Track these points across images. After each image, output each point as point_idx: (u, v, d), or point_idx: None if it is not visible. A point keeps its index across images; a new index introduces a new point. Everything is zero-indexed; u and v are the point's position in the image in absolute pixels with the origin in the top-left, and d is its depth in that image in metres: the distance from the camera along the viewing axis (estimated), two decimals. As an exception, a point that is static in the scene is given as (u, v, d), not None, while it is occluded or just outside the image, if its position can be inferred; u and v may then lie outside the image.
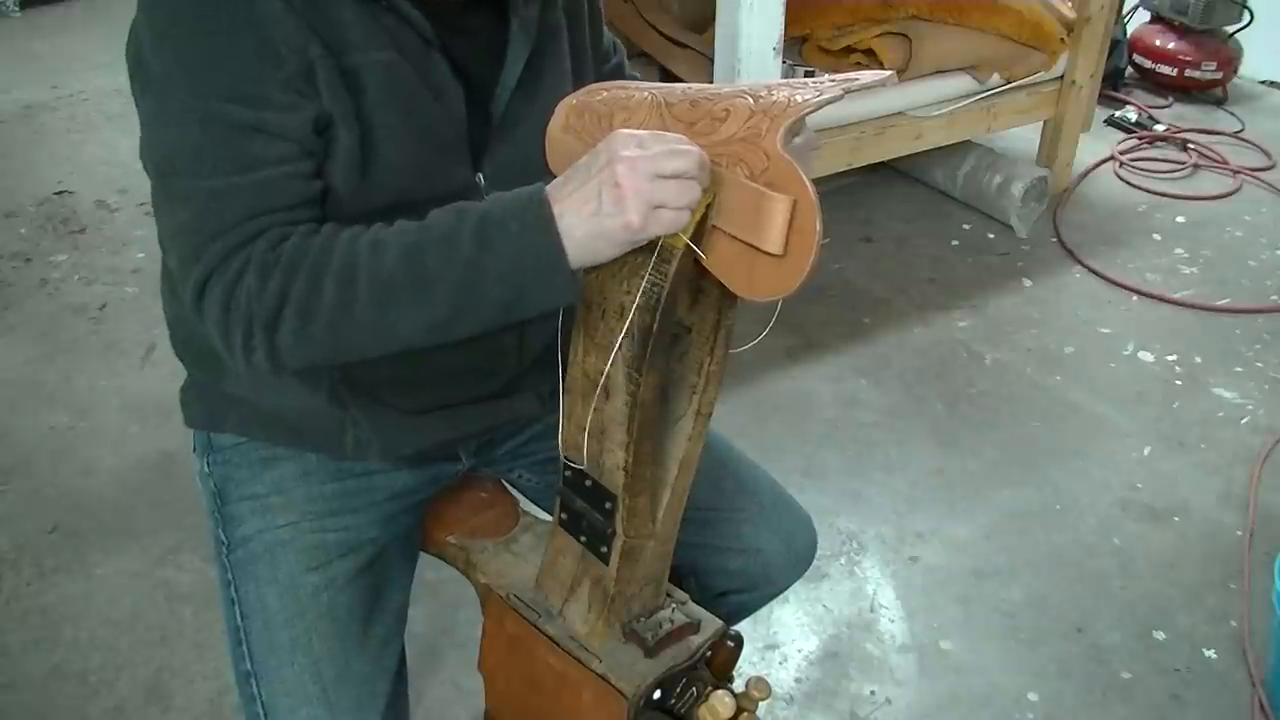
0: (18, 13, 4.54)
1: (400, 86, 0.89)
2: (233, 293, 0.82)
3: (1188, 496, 2.02)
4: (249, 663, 0.98)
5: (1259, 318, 2.58)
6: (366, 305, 0.81)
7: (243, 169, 0.83)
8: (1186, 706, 1.61)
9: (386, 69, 0.88)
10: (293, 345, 0.82)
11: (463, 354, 1.00)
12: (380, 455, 1.03)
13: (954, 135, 2.78)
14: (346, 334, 0.82)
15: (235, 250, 0.82)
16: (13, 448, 2.09)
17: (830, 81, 0.80)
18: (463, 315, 0.82)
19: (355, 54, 0.86)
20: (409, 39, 0.89)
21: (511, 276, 0.80)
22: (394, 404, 1.01)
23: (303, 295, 0.80)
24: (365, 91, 0.87)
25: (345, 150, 0.87)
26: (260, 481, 1.04)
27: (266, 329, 0.81)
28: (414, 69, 0.90)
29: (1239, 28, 3.68)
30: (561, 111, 0.89)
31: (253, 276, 0.81)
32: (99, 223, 2.93)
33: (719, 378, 0.91)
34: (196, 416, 1.08)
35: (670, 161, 0.76)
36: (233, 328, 0.82)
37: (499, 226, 0.80)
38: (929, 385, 2.33)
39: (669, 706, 0.95)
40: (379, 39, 0.88)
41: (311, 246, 0.82)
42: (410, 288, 0.81)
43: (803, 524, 1.18)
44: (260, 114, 0.83)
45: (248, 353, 0.83)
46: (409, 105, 0.90)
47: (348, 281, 0.81)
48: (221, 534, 1.04)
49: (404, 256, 0.81)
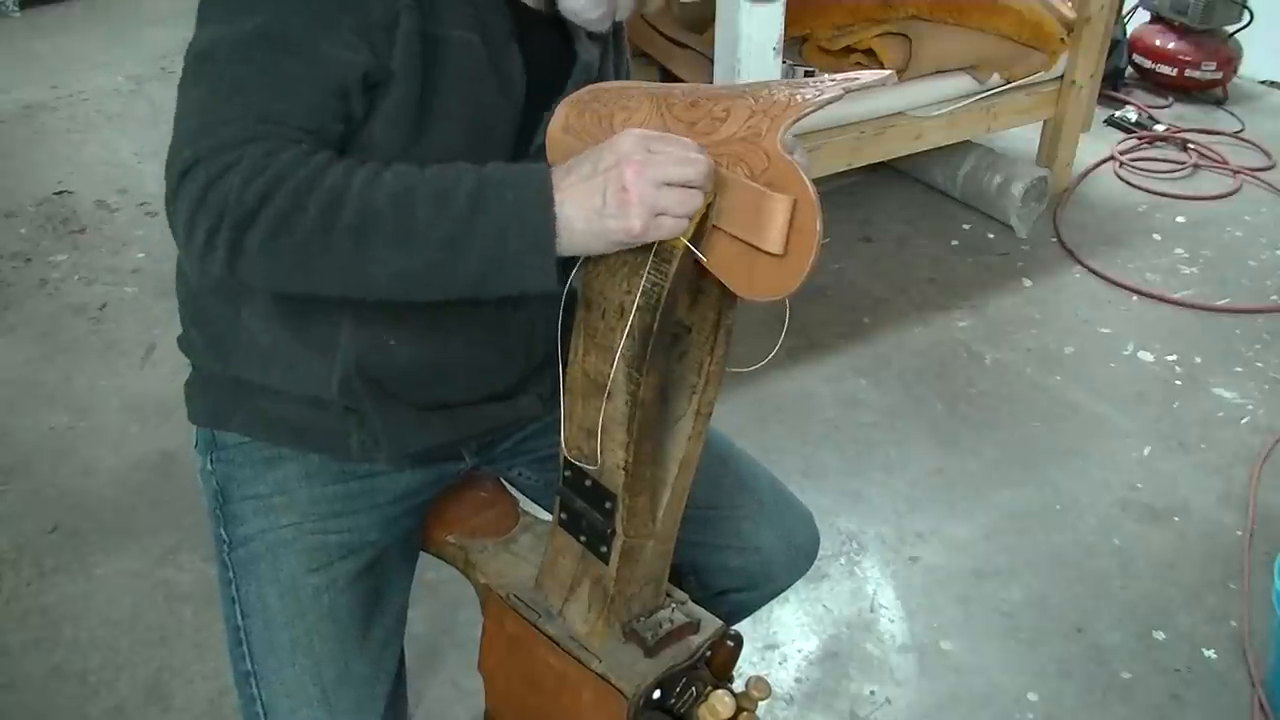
0: (18, 13, 4.54)
1: (472, 68, 0.90)
2: (215, 182, 0.79)
3: (1188, 496, 2.02)
4: (249, 663, 0.98)
5: (1259, 318, 2.58)
6: (344, 234, 0.79)
7: (274, 74, 0.82)
8: (1186, 706, 1.61)
9: (467, 49, 0.89)
10: (256, 253, 0.80)
11: (472, 352, 1.00)
12: (387, 455, 1.03)
13: (954, 135, 2.78)
14: (314, 258, 0.80)
15: (233, 144, 0.80)
16: (13, 448, 2.09)
17: (830, 81, 0.80)
18: (435, 273, 0.81)
19: (442, 26, 0.87)
20: (496, 26, 0.91)
21: (496, 246, 0.80)
22: (404, 398, 1.00)
23: (284, 206, 0.79)
24: (440, 61, 0.87)
25: (400, 106, 0.87)
26: (263, 481, 1.03)
27: (236, 227, 0.79)
28: (490, 56, 0.91)
29: (1239, 28, 3.68)
30: (562, 111, 0.89)
31: (240, 173, 0.79)
32: (99, 223, 2.93)
33: (719, 378, 0.91)
34: (200, 413, 1.07)
35: (679, 169, 0.76)
36: (201, 217, 0.80)
37: (497, 193, 0.80)
38: (929, 385, 2.33)
39: (669, 706, 0.95)
40: (467, 18, 0.89)
41: (308, 163, 0.81)
42: (394, 229, 0.80)
43: (803, 521, 1.18)
44: (319, 39, 0.82)
45: (208, 249, 0.80)
46: (476, 88, 0.91)
47: (333, 206, 0.79)
48: (223, 532, 1.04)
49: (395, 197, 0.80)
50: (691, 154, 0.78)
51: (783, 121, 0.76)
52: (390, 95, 0.87)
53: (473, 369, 1.02)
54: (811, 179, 0.74)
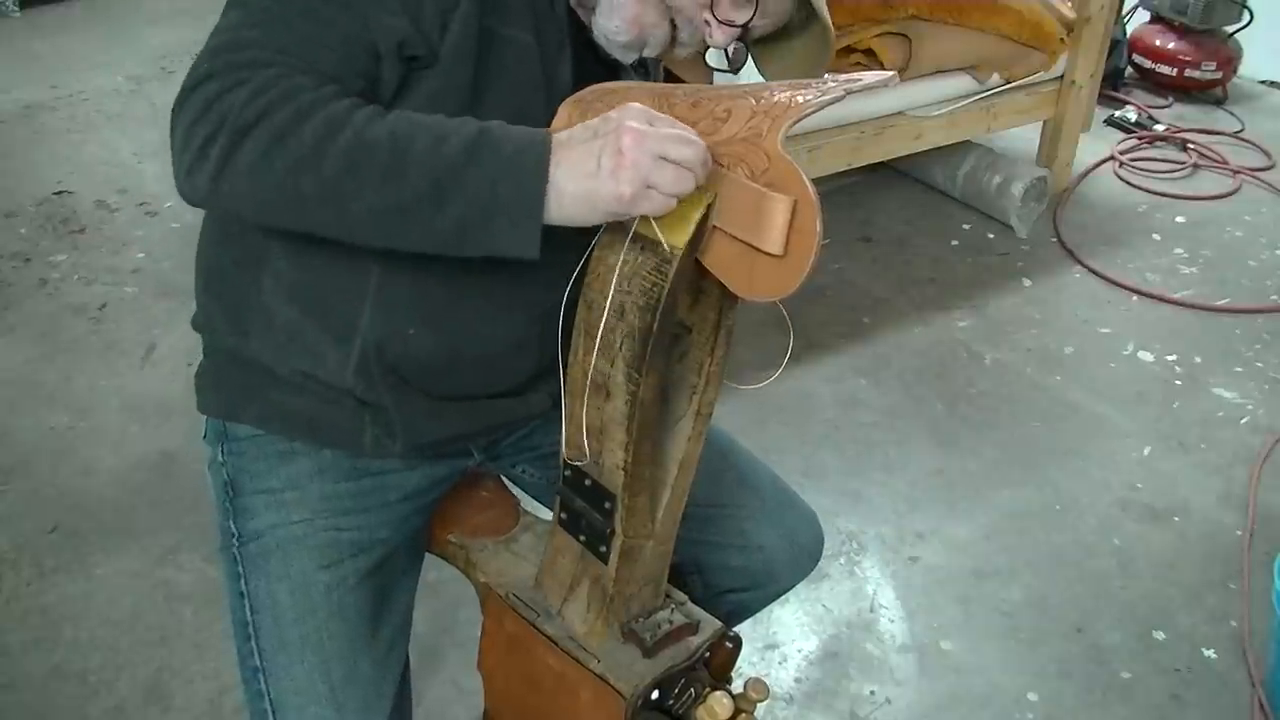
0: (18, 13, 4.53)
1: (523, 68, 0.91)
2: (223, 95, 0.81)
3: (1188, 496, 2.02)
4: (258, 658, 0.98)
5: (1259, 318, 2.58)
6: (335, 160, 0.80)
7: (310, 19, 0.84)
8: (1186, 706, 1.61)
9: (520, 48, 0.90)
10: (247, 167, 0.81)
11: (488, 344, 1.00)
12: (400, 446, 1.02)
13: (954, 135, 2.78)
14: (301, 182, 0.81)
15: (246, 65, 0.82)
16: (13, 448, 2.09)
17: (832, 82, 0.80)
18: (418, 214, 0.81)
19: (502, 23, 0.88)
20: (551, 35, 0.92)
21: (486, 197, 0.80)
22: (419, 387, 1.00)
23: (281, 123, 0.80)
24: (493, 56, 0.88)
25: (447, 93, 0.87)
26: (276, 476, 1.03)
27: (232, 135, 0.80)
28: (543, 62, 0.91)
29: (1239, 28, 3.68)
30: (564, 110, 0.89)
31: (248, 89, 0.80)
32: (99, 223, 2.93)
33: (719, 378, 0.91)
34: (212, 404, 1.06)
35: (676, 147, 0.77)
36: (201, 126, 0.81)
37: (491, 146, 0.80)
38: (929, 385, 2.33)
39: (667, 707, 0.95)
40: (526, 21, 0.90)
41: (315, 92, 0.82)
42: (385, 162, 0.80)
43: (807, 520, 1.17)
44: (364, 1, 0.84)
45: (200, 157, 0.81)
46: (524, 89, 0.91)
47: (331, 132, 0.80)
48: (232, 526, 1.03)
49: (394, 134, 0.81)
50: (690, 136, 0.78)
51: (784, 122, 0.76)
52: (436, 78, 0.87)
53: (487, 362, 1.02)
54: (811, 179, 0.74)
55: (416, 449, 1.04)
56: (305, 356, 0.98)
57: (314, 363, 0.98)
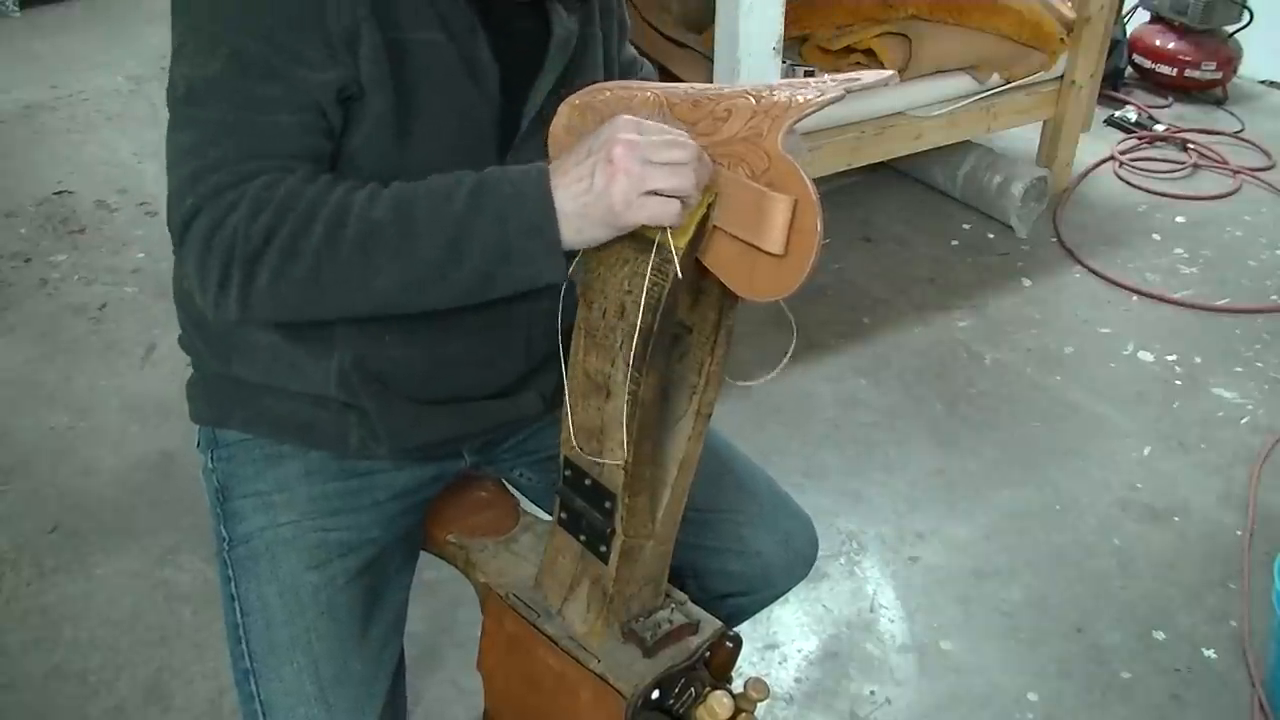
0: (18, 13, 4.53)
1: (441, 67, 0.90)
2: (219, 226, 0.82)
3: (1188, 496, 2.02)
4: (248, 660, 0.98)
5: (1259, 318, 2.58)
6: (351, 251, 0.81)
7: (256, 109, 0.84)
8: (1186, 706, 1.61)
9: (432, 48, 0.89)
10: (268, 286, 0.82)
11: (470, 347, 1.00)
12: (386, 450, 1.03)
13: (954, 135, 2.78)
14: (324, 280, 0.82)
15: (230, 186, 0.83)
16: (13, 448, 2.09)
17: (831, 82, 0.80)
18: (442, 277, 0.83)
19: (403, 30, 0.87)
20: (459, 23, 0.91)
21: (497, 240, 0.81)
22: (402, 394, 1.01)
23: (291, 234, 0.81)
24: (408, 67, 0.88)
25: (378, 117, 0.88)
26: (263, 479, 1.04)
27: (246, 264, 0.81)
28: (457, 52, 0.91)
29: (1239, 28, 3.68)
30: (564, 111, 0.89)
31: (244, 211, 0.81)
32: (99, 223, 2.93)
33: (719, 378, 0.91)
34: (202, 412, 1.08)
35: (667, 151, 0.77)
36: (211, 262, 0.82)
37: (493, 190, 0.81)
38: (929, 385, 2.33)
39: (667, 707, 0.95)
40: (430, 20, 0.89)
41: (307, 190, 0.83)
42: (396, 236, 0.81)
43: (802, 525, 1.17)
44: (289, 64, 0.84)
45: (222, 292, 0.83)
46: (447, 85, 0.91)
47: (337, 225, 0.81)
48: (223, 530, 1.04)
49: (396, 207, 0.82)
50: (681, 138, 0.78)
51: (784, 122, 0.76)
52: (366, 108, 0.88)
53: (472, 365, 1.03)
54: (812, 179, 0.74)
55: (404, 451, 1.05)
56: (288, 374, 1.00)
57: (298, 379, 1.00)
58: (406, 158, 0.89)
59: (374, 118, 0.88)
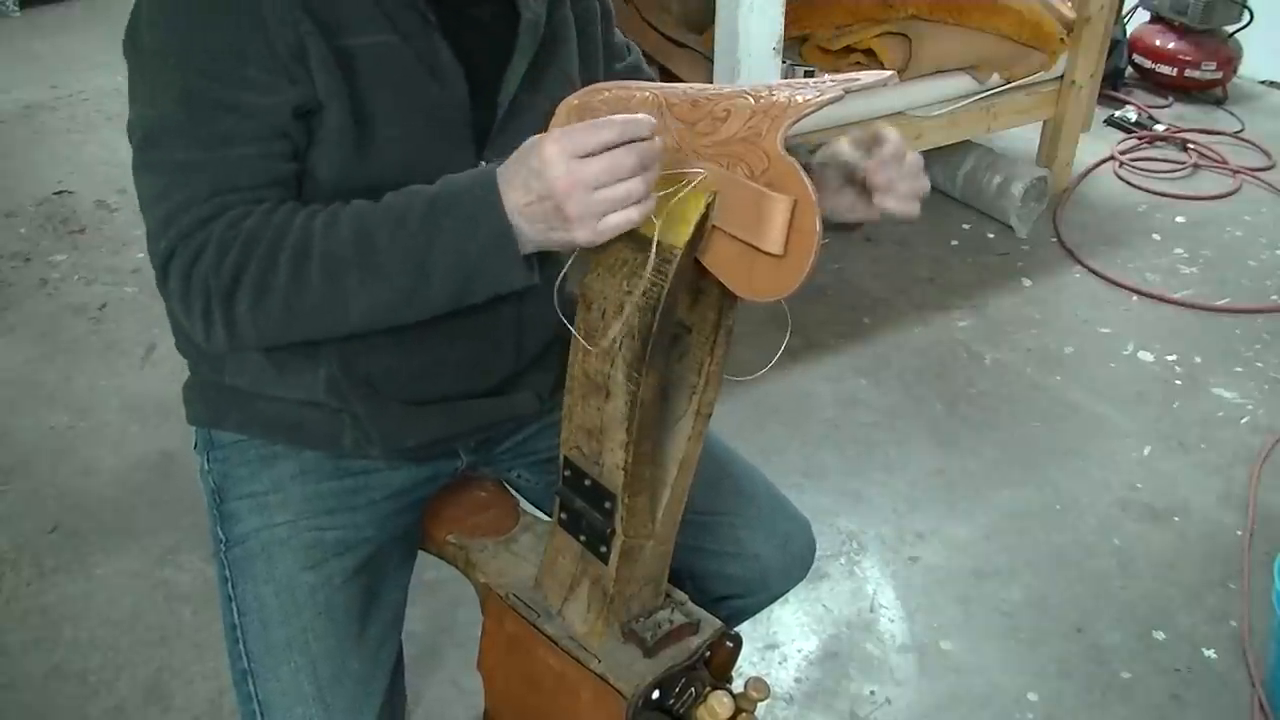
0: (18, 13, 4.54)
1: (396, 69, 0.90)
2: (193, 267, 0.84)
3: (1188, 496, 2.02)
4: (246, 661, 0.98)
5: (1259, 318, 2.58)
6: (319, 282, 0.83)
7: (213, 145, 0.85)
8: (1186, 706, 1.61)
9: (384, 51, 0.89)
10: (249, 320, 0.84)
11: (459, 347, 1.01)
12: (380, 450, 1.03)
13: (954, 135, 2.78)
14: (300, 310, 0.84)
15: (199, 226, 0.84)
16: (13, 448, 2.09)
17: (831, 82, 0.80)
18: (413, 296, 0.84)
19: (351, 35, 0.87)
20: (410, 22, 0.90)
21: (460, 260, 0.82)
22: (391, 395, 1.01)
23: (258, 271, 0.83)
24: (360, 73, 0.88)
25: (338, 129, 0.88)
26: (259, 480, 1.04)
27: (224, 303, 0.84)
28: (413, 52, 0.90)
29: (1239, 28, 3.68)
30: (563, 112, 0.89)
31: (212, 252, 0.83)
32: (99, 223, 2.93)
33: (719, 378, 0.91)
34: (198, 414, 1.08)
35: (609, 168, 0.75)
36: (192, 301, 0.85)
37: (447, 210, 0.82)
38: (929, 385, 2.33)
39: (667, 706, 0.95)
40: (378, 22, 0.89)
41: (270, 224, 0.84)
42: (360, 266, 0.82)
43: (800, 528, 1.17)
44: (237, 93, 0.84)
45: (207, 326, 0.86)
46: (406, 87, 0.90)
47: (302, 258, 0.82)
48: (220, 531, 1.04)
49: (355, 235, 0.83)
50: (618, 135, 0.75)
51: (783, 122, 0.76)
52: (325, 122, 0.88)
53: (461, 365, 1.03)
54: (811, 179, 0.74)
55: (398, 452, 1.05)
56: (279, 381, 1.01)
57: (289, 386, 1.01)
58: (372, 165, 0.90)
59: (334, 129, 0.88)
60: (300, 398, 1.01)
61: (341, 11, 0.87)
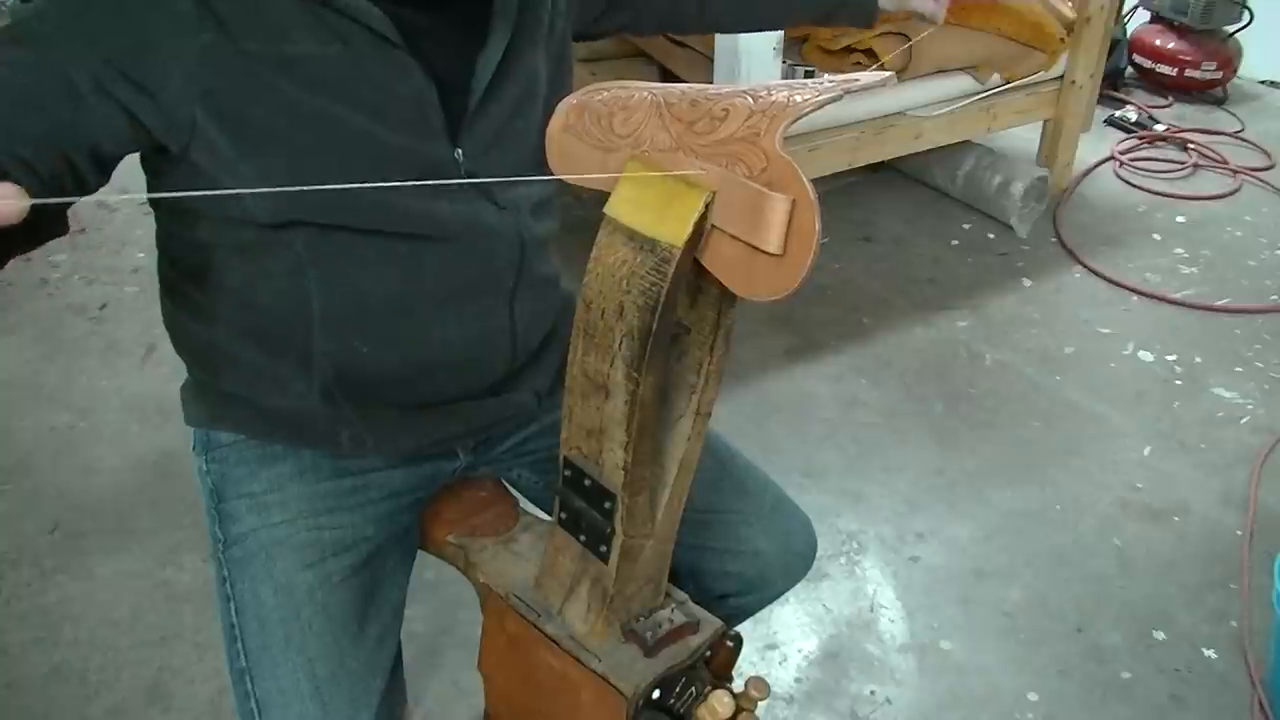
0: (18, 13, 4.53)
1: (342, 75, 0.87)
2: None
3: (1188, 496, 2.02)
4: (244, 660, 0.98)
5: (1259, 318, 2.58)
6: None
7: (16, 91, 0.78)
8: (1186, 706, 1.61)
9: (329, 61, 0.86)
10: None
11: (454, 350, 1.00)
12: (376, 451, 1.04)
13: (954, 135, 2.78)
14: None
15: None
16: (13, 448, 2.09)
17: (830, 82, 0.80)
18: None
19: (292, 45, 0.84)
20: (354, 31, 0.87)
21: None
22: (387, 399, 1.01)
23: None
24: (304, 80, 0.85)
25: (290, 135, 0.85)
26: (257, 480, 1.04)
27: None
28: (365, 60, 0.88)
29: (1239, 28, 3.69)
30: (562, 111, 0.89)
31: None
32: (99, 223, 2.93)
33: (718, 378, 0.91)
34: (196, 415, 1.08)
35: None
36: None
37: None
38: (929, 385, 2.33)
39: (668, 706, 0.95)
40: (320, 34, 0.86)
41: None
42: None
43: (801, 525, 1.17)
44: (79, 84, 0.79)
45: None
46: (361, 92, 0.88)
47: None
48: (218, 531, 1.04)
49: None
50: None
51: (782, 121, 0.76)
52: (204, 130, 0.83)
53: (455, 367, 1.03)
54: (810, 179, 0.74)
55: (396, 453, 1.05)
56: (273, 389, 1.01)
57: (283, 393, 1.01)
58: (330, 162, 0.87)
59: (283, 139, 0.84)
60: (295, 404, 1.01)
61: (278, 23, 0.84)
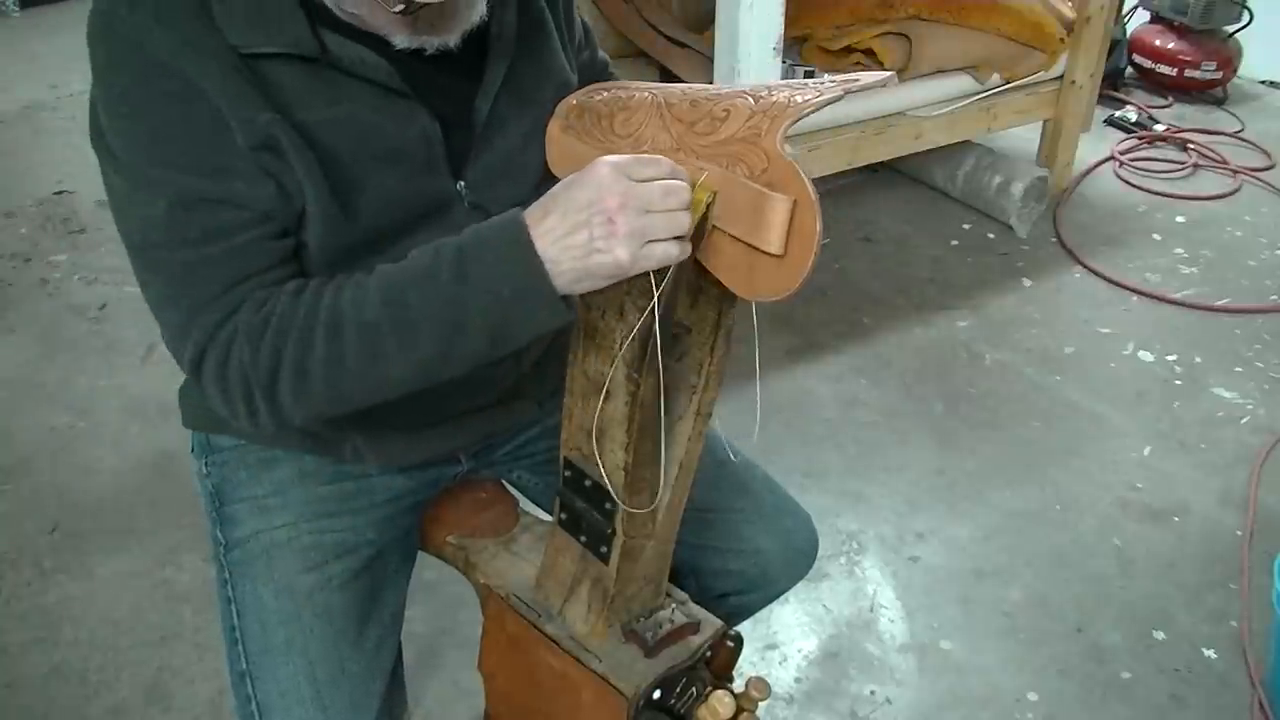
0: (18, 13, 4.54)
1: (355, 133, 0.87)
2: (226, 364, 0.83)
3: (1188, 496, 2.02)
4: (244, 662, 0.98)
5: (1259, 318, 2.58)
6: (357, 354, 0.81)
7: (213, 239, 0.82)
8: (1186, 706, 1.61)
9: (340, 122, 0.86)
10: (293, 403, 0.83)
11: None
12: (378, 464, 1.04)
13: (954, 135, 2.78)
14: (342, 385, 0.83)
15: (221, 323, 0.83)
16: (13, 448, 2.09)
17: (830, 82, 0.80)
18: (452, 351, 0.82)
19: (305, 111, 0.84)
20: (359, 87, 0.87)
21: (493, 306, 0.79)
22: (391, 423, 1.01)
23: (295, 355, 0.81)
24: (322, 145, 0.85)
25: (321, 200, 0.85)
26: (259, 483, 1.04)
27: (266, 392, 0.83)
28: (373, 113, 0.87)
29: (1239, 28, 3.68)
30: (562, 112, 0.89)
31: (243, 345, 0.82)
32: (99, 223, 2.93)
33: (719, 378, 0.91)
34: (195, 418, 1.08)
35: (663, 197, 0.76)
36: (233, 396, 0.84)
37: (475, 258, 0.79)
38: (929, 385, 2.33)
39: (669, 706, 0.95)
40: (328, 95, 0.85)
41: (298, 305, 0.82)
42: (395, 331, 0.81)
43: (802, 523, 1.17)
44: (224, 184, 0.82)
45: (252, 416, 0.84)
46: (373, 145, 0.88)
47: (335, 333, 0.81)
48: (219, 534, 1.04)
49: (386, 300, 0.81)
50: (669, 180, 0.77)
51: (782, 122, 0.76)
52: (305, 194, 0.85)
53: (461, 386, 1.02)
54: (811, 179, 0.74)
55: (397, 464, 1.05)
56: None
57: None
58: (361, 213, 0.88)
59: (316, 198, 0.85)
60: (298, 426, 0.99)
61: (289, 92, 0.83)
